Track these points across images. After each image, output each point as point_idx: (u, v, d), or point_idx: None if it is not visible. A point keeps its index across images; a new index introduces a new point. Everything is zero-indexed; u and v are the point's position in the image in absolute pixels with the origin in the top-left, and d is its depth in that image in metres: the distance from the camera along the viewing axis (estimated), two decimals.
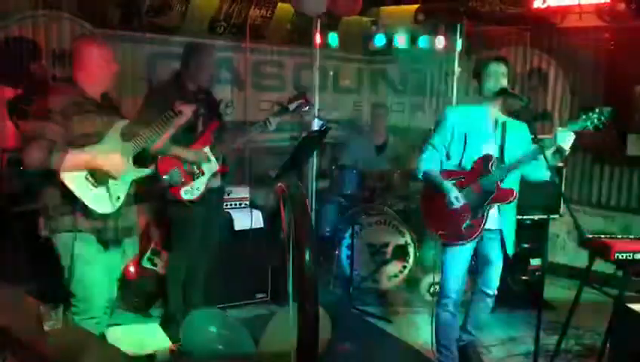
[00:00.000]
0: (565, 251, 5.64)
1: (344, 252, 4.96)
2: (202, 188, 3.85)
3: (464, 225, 3.39)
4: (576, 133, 3.21)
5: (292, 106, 4.02)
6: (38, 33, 4.40)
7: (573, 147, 3.23)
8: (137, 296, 4.46)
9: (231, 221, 4.52)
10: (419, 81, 6.79)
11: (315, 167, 4.84)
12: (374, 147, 5.85)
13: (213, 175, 3.94)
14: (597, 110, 3.17)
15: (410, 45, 6.19)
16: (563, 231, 5.62)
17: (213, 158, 3.89)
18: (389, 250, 5.04)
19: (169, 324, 3.91)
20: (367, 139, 5.96)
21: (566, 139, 3.18)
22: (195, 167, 3.82)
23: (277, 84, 6.14)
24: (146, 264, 4.49)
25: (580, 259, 4.70)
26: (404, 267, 5.04)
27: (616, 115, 3.25)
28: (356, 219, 4.98)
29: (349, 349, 3.02)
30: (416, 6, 6.34)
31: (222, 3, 5.37)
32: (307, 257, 1.48)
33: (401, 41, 6.22)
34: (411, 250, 5.02)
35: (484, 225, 3.39)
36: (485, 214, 3.38)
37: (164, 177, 3.68)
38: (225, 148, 3.99)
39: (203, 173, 3.86)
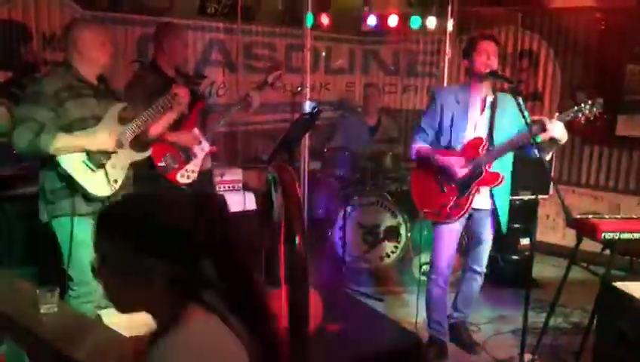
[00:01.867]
0: (555, 231, 5.72)
1: (337, 233, 5.01)
2: (197, 170, 3.88)
3: (449, 205, 3.45)
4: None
5: (270, 78, 4.03)
6: (28, 16, 4.37)
7: (566, 122, 3.26)
8: None
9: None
10: (411, 62, 6.80)
11: (306, 149, 4.86)
12: (367, 128, 5.87)
13: (206, 156, 3.96)
14: (589, 102, 3.20)
15: (401, 26, 6.19)
16: (553, 211, 5.69)
17: (203, 140, 3.90)
18: (381, 230, 5.10)
19: None
20: (360, 120, 5.98)
21: (558, 130, 3.19)
22: (187, 150, 3.84)
23: (269, 65, 6.11)
24: None
25: (569, 238, 4.76)
26: (396, 247, 5.10)
27: (607, 96, 3.29)
28: (348, 201, 5.02)
29: (340, 328, 3.08)
30: None
31: None
32: (297, 241, 1.51)
33: (392, 21, 6.22)
34: (403, 230, 5.08)
35: (469, 205, 3.46)
36: (471, 195, 3.44)
37: (159, 164, 3.70)
38: (212, 128, 4.00)
39: (196, 156, 3.88)
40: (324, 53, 6.75)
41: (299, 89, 4.46)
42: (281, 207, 1.71)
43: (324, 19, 5.81)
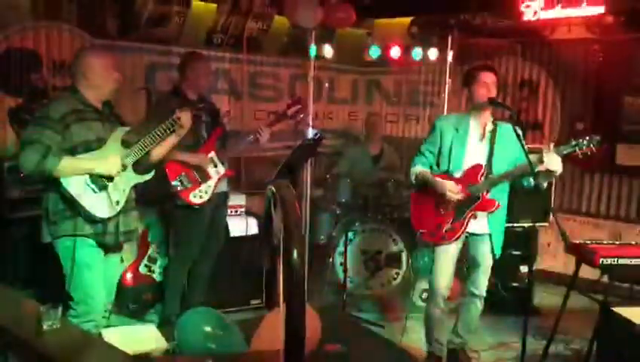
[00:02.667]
0: (556, 259, 5.71)
1: (338, 259, 5.03)
2: (210, 191, 4.00)
3: (445, 228, 3.51)
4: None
5: (290, 112, 4.16)
6: (39, 44, 4.50)
7: (563, 156, 3.32)
8: (134, 301, 4.53)
9: (227, 228, 4.60)
10: (412, 91, 6.90)
11: (308, 176, 4.93)
12: (370, 156, 5.94)
13: (220, 179, 4.09)
14: (587, 138, 3.27)
15: (403, 57, 6.30)
16: (554, 238, 5.70)
17: (219, 163, 4.06)
18: (383, 257, 5.12)
19: (165, 327, 3.98)
20: (363, 148, 6.05)
21: (554, 162, 3.25)
22: (202, 172, 3.98)
23: (273, 94, 6.25)
24: (143, 270, 4.57)
25: (570, 266, 4.77)
26: (397, 274, 5.12)
27: (605, 126, 3.35)
28: (350, 227, 5.06)
29: (340, 349, 3.09)
30: (409, 19, 6.48)
31: (219, 15, 5.48)
32: (295, 254, 1.56)
33: (394, 52, 6.33)
34: (404, 257, 5.10)
35: (464, 229, 3.52)
36: (466, 219, 3.50)
37: (173, 182, 3.84)
38: (227, 154, 4.17)
39: (210, 178, 4.01)
40: (327, 84, 6.86)
41: (301, 116, 4.54)
42: (280, 223, 1.76)
43: (328, 51, 5.92)
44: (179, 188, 3.90)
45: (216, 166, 4.05)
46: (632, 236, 5.31)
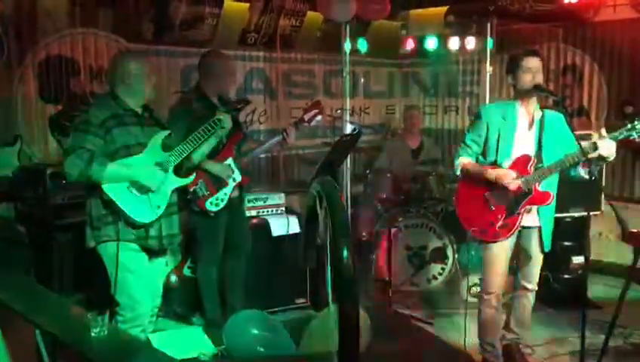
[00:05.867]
0: (609, 248, 5.50)
1: (382, 255, 4.93)
2: (226, 198, 3.92)
3: (498, 224, 3.37)
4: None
5: (307, 117, 4.10)
6: (76, 50, 4.54)
7: (618, 141, 3.17)
8: (179, 304, 4.52)
9: (268, 227, 4.56)
10: (450, 82, 6.76)
11: (348, 172, 4.85)
12: (410, 150, 5.84)
13: (236, 186, 3.99)
14: None
15: (440, 47, 6.18)
16: (606, 228, 5.50)
17: (236, 170, 3.95)
18: (427, 252, 5.01)
19: (210, 330, 3.98)
20: (402, 142, 5.95)
21: (609, 148, 3.12)
22: (219, 179, 3.88)
23: (308, 92, 6.19)
24: (187, 273, 4.56)
25: (624, 256, 4.58)
26: (443, 269, 5.01)
27: None
28: (393, 223, 4.96)
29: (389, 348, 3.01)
30: (445, 8, 6.35)
31: (252, 15, 5.45)
32: (345, 253, 1.49)
33: (431, 43, 6.21)
34: (449, 252, 4.98)
35: (519, 224, 3.38)
36: (520, 214, 3.36)
37: (191, 189, 3.76)
38: (246, 161, 4.09)
39: (227, 185, 3.92)
40: (362, 79, 6.78)
41: (338, 112, 4.48)
42: (326, 220, 1.69)
43: (362, 45, 5.84)
44: (197, 196, 3.83)
45: (233, 173, 3.95)
46: None
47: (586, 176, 3.24)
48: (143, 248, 3.12)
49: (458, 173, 3.56)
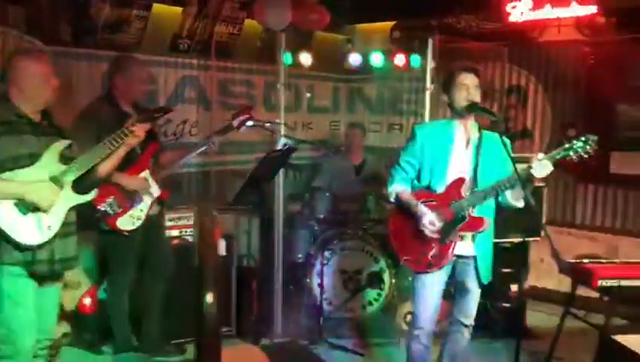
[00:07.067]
0: (550, 275, 5.37)
1: (315, 279, 4.67)
2: (143, 216, 3.61)
3: (431, 253, 3.12)
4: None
5: (236, 122, 3.84)
6: None
7: (555, 165, 2.99)
8: (91, 331, 4.15)
9: (192, 249, 4.23)
10: (395, 99, 6.59)
11: (281, 190, 4.59)
12: (352, 167, 5.61)
13: (154, 202, 3.68)
14: (582, 138, 2.94)
15: (385, 63, 6.01)
16: (548, 254, 5.37)
17: (153, 184, 3.63)
18: (363, 276, 4.76)
19: (120, 359, 3.67)
20: (344, 159, 5.72)
21: (542, 169, 2.94)
22: (134, 195, 3.56)
23: (246, 103, 5.88)
24: (103, 296, 4.20)
25: (566, 283, 4.46)
26: (379, 295, 4.76)
27: (599, 132, 3.02)
28: (328, 245, 4.72)
29: None
30: (391, 24, 6.21)
31: (184, 20, 5.14)
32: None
33: (376, 58, 6.03)
34: (386, 276, 4.75)
35: (452, 253, 3.14)
36: (453, 242, 3.12)
37: (99, 207, 3.42)
38: (165, 172, 3.79)
39: (142, 201, 3.59)
40: (308, 94, 6.54)
41: (267, 125, 4.20)
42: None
43: (305, 57, 5.61)
44: (107, 214, 3.49)
45: (149, 186, 3.64)
46: (629, 249, 4.99)
47: (518, 205, 3.05)
48: (30, 274, 2.75)
49: (392, 200, 3.33)
